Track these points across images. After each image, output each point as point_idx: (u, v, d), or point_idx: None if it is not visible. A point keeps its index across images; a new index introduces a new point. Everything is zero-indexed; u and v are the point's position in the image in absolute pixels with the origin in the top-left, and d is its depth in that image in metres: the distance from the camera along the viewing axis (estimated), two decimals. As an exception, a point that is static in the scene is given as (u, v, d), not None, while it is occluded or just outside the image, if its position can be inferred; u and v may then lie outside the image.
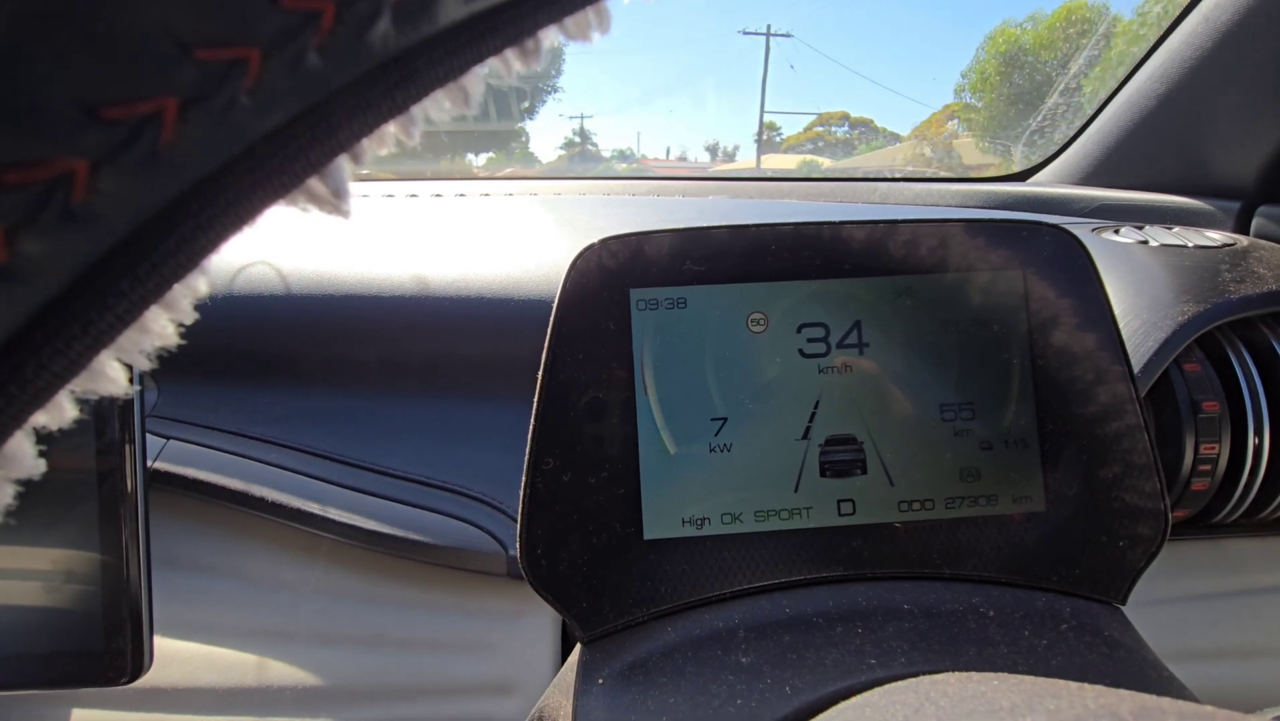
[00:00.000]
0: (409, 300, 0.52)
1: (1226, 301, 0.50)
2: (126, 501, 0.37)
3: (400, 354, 0.52)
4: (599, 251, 0.29)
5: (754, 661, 0.25)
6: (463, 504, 0.48)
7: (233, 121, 0.10)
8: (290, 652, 0.46)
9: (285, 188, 0.11)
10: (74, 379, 0.10)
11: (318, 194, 0.12)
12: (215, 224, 0.10)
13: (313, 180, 0.11)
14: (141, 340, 0.11)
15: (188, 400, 0.51)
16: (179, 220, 0.10)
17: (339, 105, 0.11)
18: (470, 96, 0.12)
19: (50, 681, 0.37)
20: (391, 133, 0.12)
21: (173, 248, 0.10)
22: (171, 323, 0.12)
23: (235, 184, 0.10)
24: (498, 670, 0.46)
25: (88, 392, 0.11)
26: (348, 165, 0.12)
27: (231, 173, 0.10)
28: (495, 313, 0.51)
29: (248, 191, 0.10)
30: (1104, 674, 0.26)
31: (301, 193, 0.11)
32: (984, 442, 0.30)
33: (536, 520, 0.28)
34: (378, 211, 0.67)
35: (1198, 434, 0.49)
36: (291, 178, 0.11)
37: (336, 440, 0.50)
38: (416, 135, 0.12)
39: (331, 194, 0.12)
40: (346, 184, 0.12)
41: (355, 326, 0.52)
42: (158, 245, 0.10)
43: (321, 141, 0.11)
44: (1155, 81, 0.67)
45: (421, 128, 0.12)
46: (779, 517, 0.29)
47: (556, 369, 0.29)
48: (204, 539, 0.49)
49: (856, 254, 0.30)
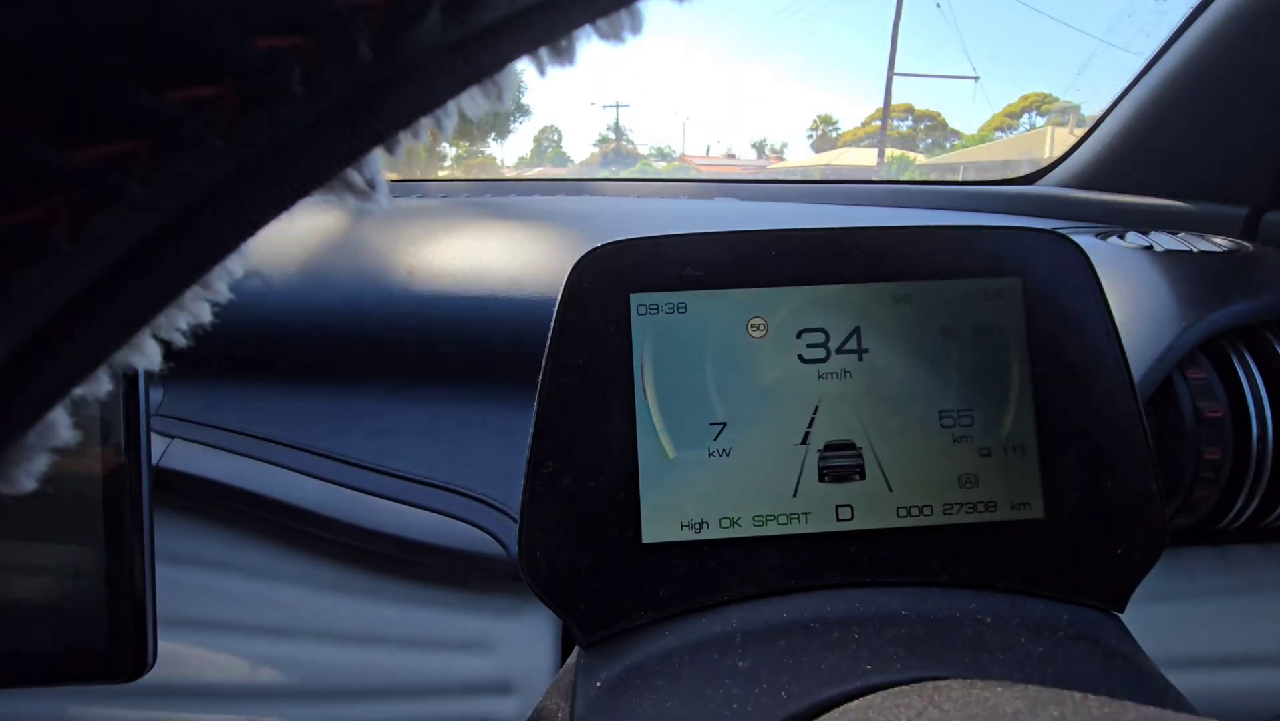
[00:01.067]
0: (414, 300, 0.52)
1: (1231, 308, 0.50)
2: (131, 499, 0.37)
3: (404, 354, 0.53)
4: (600, 256, 0.29)
5: (751, 666, 0.25)
6: (464, 504, 0.48)
7: (284, 108, 0.10)
8: (292, 650, 0.47)
9: (324, 176, 0.11)
10: (118, 351, 0.11)
11: (354, 184, 0.12)
12: (254, 208, 0.11)
13: (349, 170, 0.12)
14: (178, 318, 0.12)
15: (191, 399, 0.51)
16: (223, 203, 0.10)
17: (382, 97, 0.11)
18: (504, 92, 0.12)
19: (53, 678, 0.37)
20: (426, 125, 0.12)
21: (215, 229, 0.11)
22: (207, 302, 0.12)
23: (277, 170, 0.11)
24: (498, 669, 0.47)
25: (126, 367, 0.11)
26: (383, 156, 0.12)
27: (276, 158, 0.11)
28: (501, 313, 0.52)
29: (288, 177, 0.11)
30: (1100, 682, 0.26)
31: (338, 182, 0.12)
32: (983, 449, 0.30)
33: (536, 523, 0.28)
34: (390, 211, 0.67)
35: (1201, 440, 0.49)
36: (331, 166, 0.11)
37: (339, 440, 0.51)
38: (450, 129, 0.12)
39: (367, 184, 0.12)
40: (382, 175, 0.12)
41: (359, 326, 0.52)
42: (203, 227, 0.10)
43: (362, 132, 0.11)
44: (1163, 85, 0.67)
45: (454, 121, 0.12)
46: (777, 522, 0.29)
47: (556, 372, 0.29)
48: (206, 537, 0.50)
49: (856, 260, 0.30)
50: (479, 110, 0.13)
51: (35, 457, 0.11)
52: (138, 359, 0.11)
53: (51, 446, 0.11)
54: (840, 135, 24.99)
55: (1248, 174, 0.63)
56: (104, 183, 0.09)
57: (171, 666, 0.45)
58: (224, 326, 0.48)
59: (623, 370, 0.29)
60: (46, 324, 0.10)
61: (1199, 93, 0.65)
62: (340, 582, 0.49)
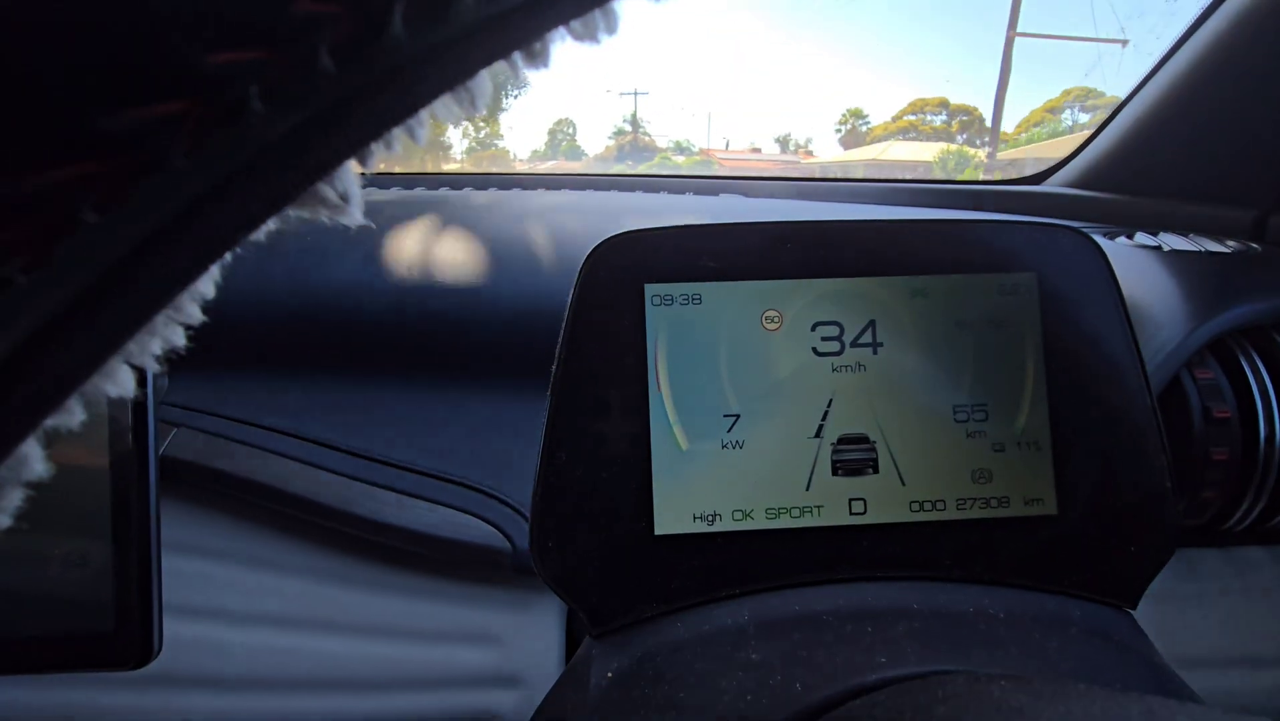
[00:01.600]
0: (422, 291, 0.52)
1: (1239, 309, 0.49)
2: (137, 488, 0.37)
3: (411, 346, 0.53)
4: (615, 245, 0.29)
5: (764, 658, 0.25)
6: (469, 497, 0.48)
7: (248, 124, 0.10)
8: (297, 640, 0.47)
9: (295, 191, 0.11)
10: (85, 382, 0.11)
11: (326, 198, 0.12)
12: (223, 228, 0.11)
13: (321, 184, 0.11)
14: (150, 343, 0.11)
15: (197, 389, 0.51)
16: (190, 225, 0.10)
17: (350, 110, 0.11)
18: (478, 99, 0.12)
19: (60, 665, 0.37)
20: (399, 134, 0.12)
21: (184, 252, 0.10)
22: (179, 325, 0.12)
23: (247, 187, 0.10)
24: (504, 662, 0.47)
25: (96, 395, 0.11)
26: (355, 169, 0.12)
27: (244, 176, 0.10)
28: (508, 305, 0.51)
29: (256, 196, 0.11)
30: (1115, 677, 0.25)
31: (310, 197, 0.11)
32: (996, 444, 0.30)
33: (548, 514, 0.28)
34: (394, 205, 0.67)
35: (1209, 440, 0.49)
36: (301, 181, 0.11)
37: (345, 432, 0.50)
38: (423, 138, 0.12)
39: (340, 198, 0.12)
40: (355, 188, 0.12)
41: (366, 318, 0.52)
42: (170, 250, 0.10)
43: (331, 146, 0.11)
44: (1172, 86, 0.67)
45: (426, 131, 0.12)
46: (790, 515, 0.29)
47: (571, 363, 0.29)
48: (213, 526, 0.49)
49: (872, 253, 0.30)
50: (453, 118, 0.12)
51: (8, 493, 0.11)
52: (110, 386, 0.11)
53: (25, 481, 0.11)
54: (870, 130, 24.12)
55: (1255, 176, 0.63)
56: (62, 209, 0.09)
57: (177, 655, 0.45)
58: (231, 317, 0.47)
59: (637, 361, 0.29)
60: (13, 354, 0.10)
61: (1207, 94, 0.65)
62: (345, 574, 0.49)
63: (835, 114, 42.84)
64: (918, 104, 21.43)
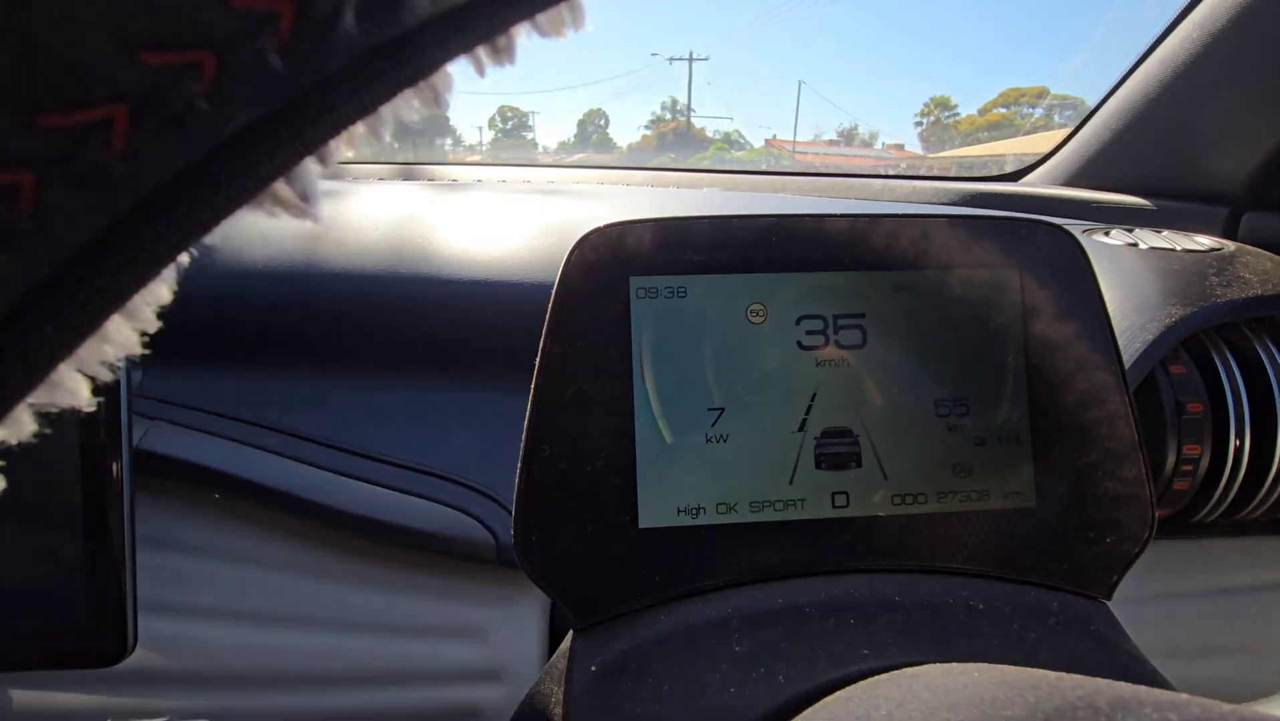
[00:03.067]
0: (402, 281, 0.51)
1: (1213, 306, 0.50)
2: (111, 481, 0.36)
3: (392, 337, 0.52)
4: (600, 236, 0.29)
5: (747, 650, 0.25)
6: (452, 490, 0.48)
7: (191, 127, 0.10)
8: (276, 636, 0.46)
9: (250, 193, 0.11)
10: (32, 393, 0.10)
11: (284, 198, 0.11)
12: (176, 231, 0.10)
13: (279, 184, 0.11)
14: (103, 350, 0.11)
15: (173, 382, 0.50)
16: (137, 229, 0.10)
17: (304, 108, 0.10)
18: (441, 96, 0.12)
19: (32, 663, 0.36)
20: (360, 133, 0.12)
21: (131, 256, 0.10)
22: (134, 331, 0.11)
23: (196, 190, 0.10)
24: (486, 656, 0.46)
25: (46, 406, 0.11)
26: (315, 168, 0.11)
27: (192, 179, 0.10)
28: (491, 296, 0.51)
29: (209, 198, 0.10)
30: (1091, 667, 0.26)
31: (267, 197, 0.11)
32: (977, 438, 0.30)
33: (532, 507, 0.28)
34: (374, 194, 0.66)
35: (1181, 435, 0.50)
36: (256, 182, 0.11)
37: (325, 424, 0.50)
38: (386, 135, 0.12)
39: (299, 198, 0.11)
40: (315, 187, 0.12)
41: (347, 308, 0.51)
42: (115, 255, 0.10)
43: (286, 145, 0.10)
44: (1149, 85, 0.68)
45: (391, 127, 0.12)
46: (774, 509, 0.29)
47: (554, 355, 0.29)
48: (190, 521, 0.49)
49: (858, 247, 0.30)
50: (415, 115, 0.12)
51: None
52: (61, 396, 0.11)
53: None
54: (957, 122, 22.62)
55: (1229, 175, 0.64)
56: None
57: (152, 652, 0.44)
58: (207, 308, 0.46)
59: (621, 354, 0.29)
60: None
61: (1182, 95, 0.66)
62: (325, 569, 0.48)
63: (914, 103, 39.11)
64: (1012, 94, 19.42)
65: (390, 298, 0.51)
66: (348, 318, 0.51)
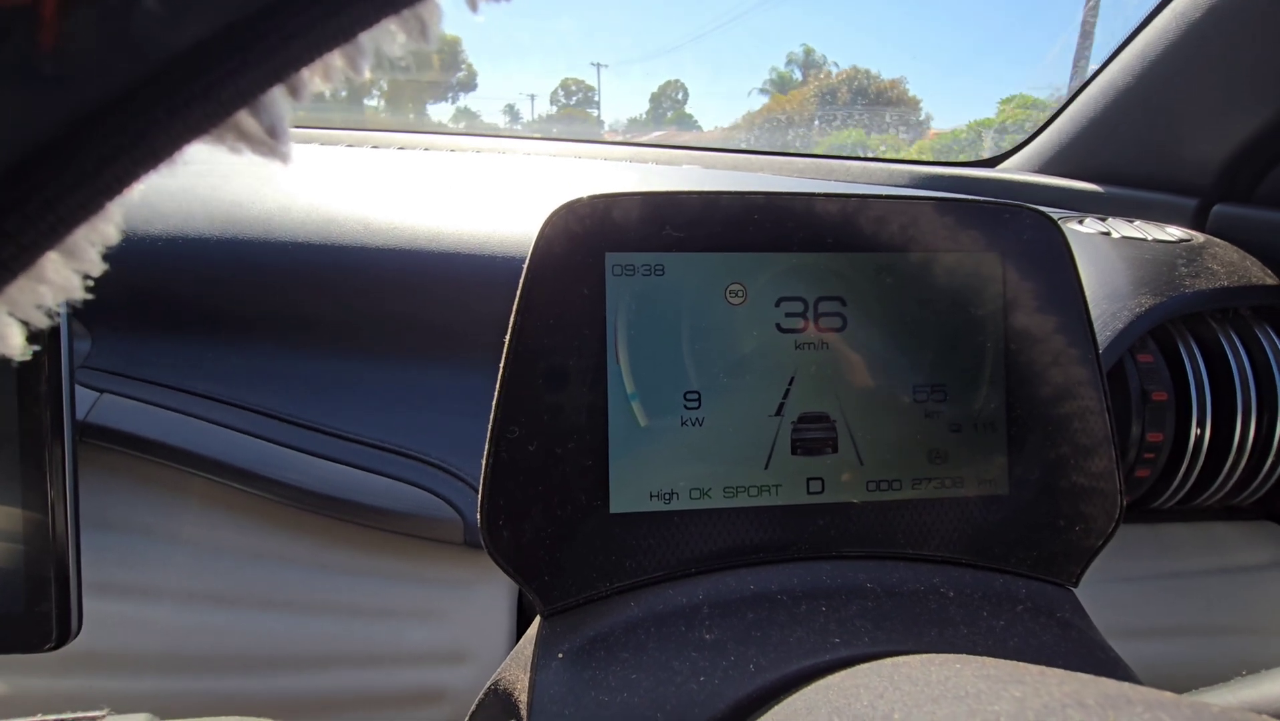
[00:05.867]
0: (370, 252, 0.49)
1: (1181, 296, 0.51)
2: (52, 455, 0.34)
3: (359, 310, 0.50)
4: (575, 210, 0.28)
5: (718, 638, 0.25)
6: (419, 469, 0.46)
7: (136, 29, 0.08)
8: (232, 618, 0.45)
9: (209, 120, 0.09)
10: None
11: (249, 131, 0.10)
12: (122, 157, 0.09)
13: (243, 114, 0.10)
14: (39, 292, 0.10)
15: (125, 352, 0.48)
16: (77, 150, 0.09)
17: (272, 25, 0.09)
18: (428, 29, 0.11)
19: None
20: (338, 66, 0.10)
21: (70, 183, 0.09)
22: (75, 273, 0.10)
23: (146, 111, 0.09)
24: (451, 638, 0.46)
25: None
26: (285, 100, 0.10)
27: (140, 96, 0.09)
28: (462, 271, 0.49)
29: (162, 121, 0.09)
30: (1057, 654, 0.26)
31: (230, 128, 0.10)
32: (953, 425, 0.30)
33: (499, 490, 0.27)
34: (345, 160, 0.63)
35: (1145, 422, 0.50)
36: (216, 108, 0.09)
37: (286, 400, 0.48)
38: (365, 69, 0.10)
39: (266, 131, 0.10)
40: (284, 121, 0.10)
41: (311, 278, 0.49)
42: (52, 179, 0.09)
43: (252, 67, 0.09)
44: (1124, 76, 0.68)
45: (371, 61, 0.11)
46: (748, 494, 0.29)
47: (525, 334, 0.27)
48: (141, 499, 0.47)
49: (840, 228, 0.29)
50: (398, 48, 0.11)
51: None
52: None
53: None
54: None
55: (1199, 167, 0.65)
56: None
57: (100, 634, 0.43)
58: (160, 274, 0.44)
59: (595, 333, 0.28)
60: None
61: (1155, 87, 0.66)
62: (285, 550, 0.47)
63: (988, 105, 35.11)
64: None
65: (357, 269, 0.49)
66: (311, 288, 0.49)
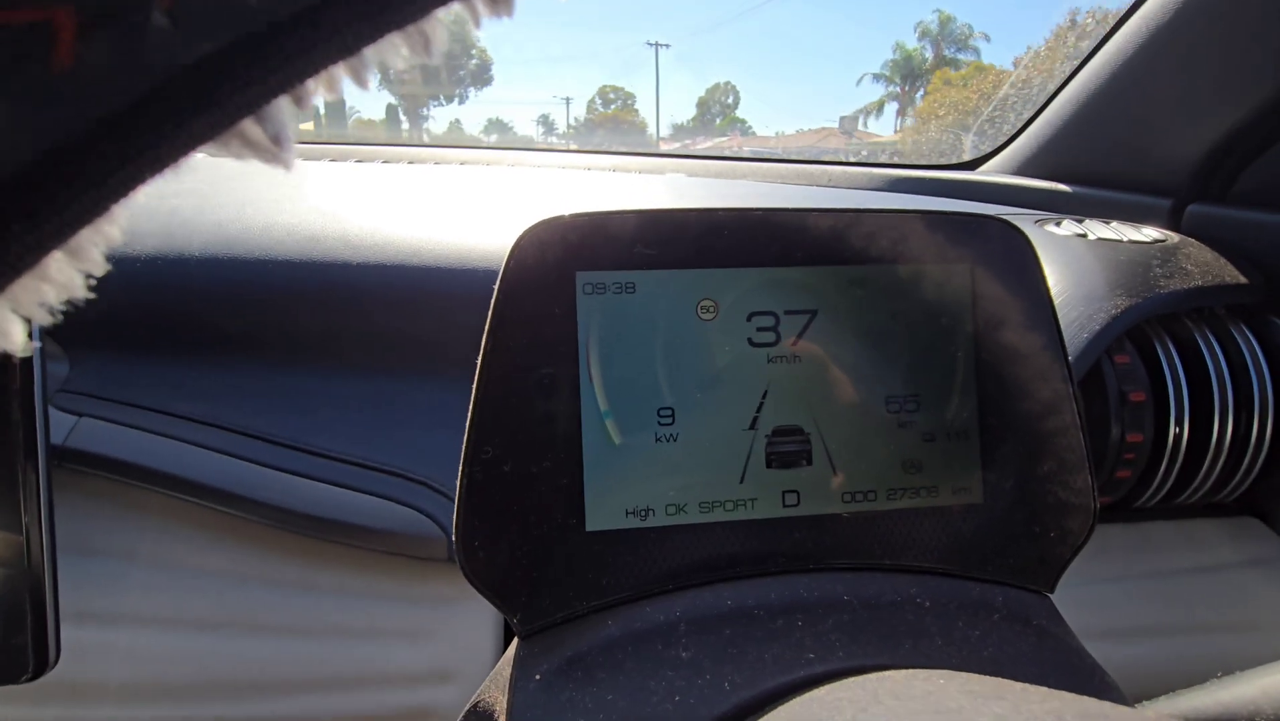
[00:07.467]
0: (350, 269, 0.49)
1: (1156, 296, 0.52)
2: (26, 481, 0.34)
3: (339, 327, 0.50)
4: (545, 230, 0.28)
5: (694, 656, 0.25)
6: (402, 486, 0.46)
7: (151, 46, 0.09)
8: (216, 643, 0.44)
9: (215, 129, 0.10)
10: None
11: (254, 139, 0.10)
12: (129, 165, 0.09)
13: (248, 123, 0.10)
14: (41, 290, 0.10)
15: (104, 374, 0.47)
16: (86, 157, 0.09)
17: (280, 39, 0.09)
18: (431, 43, 0.11)
19: (-60, 679, 0.34)
20: (341, 76, 0.11)
21: (78, 188, 0.09)
22: (79, 273, 0.10)
23: (154, 120, 0.09)
24: (436, 658, 0.45)
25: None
26: (290, 109, 0.10)
27: (150, 107, 0.09)
28: (442, 285, 0.49)
29: (170, 130, 0.09)
30: (1033, 662, 0.26)
31: (235, 136, 0.10)
32: (927, 435, 0.30)
33: (474, 511, 0.27)
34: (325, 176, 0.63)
35: (1124, 423, 0.51)
36: (222, 117, 0.10)
37: (268, 419, 0.48)
38: (369, 81, 0.11)
39: (270, 140, 0.10)
40: (288, 130, 0.11)
41: (291, 296, 0.49)
42: (60, 184, 0.09)
43: (259, 82, 0.09)
44: (1099, 78, 0.69)
45: (375, 73, 0.11)
46: (724, 509, 0.29)
47: (497, 353, 0.27)
48: (123, 524, 0.46)
49: (810, 242, 0.29)
50: (402, 61, 0.11)
51: None
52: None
53: None
54: None
55: (1174, 167, 0.65)
56: None
57: (80, 663, 0.42)
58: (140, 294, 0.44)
59: (567, 351, 0.28)
60: None
61: (1129, 89, 0.67)
62: (269, 572, 0.46)
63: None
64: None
65: (337, 285, 0.49)
66: (291, 306, 0.49)
